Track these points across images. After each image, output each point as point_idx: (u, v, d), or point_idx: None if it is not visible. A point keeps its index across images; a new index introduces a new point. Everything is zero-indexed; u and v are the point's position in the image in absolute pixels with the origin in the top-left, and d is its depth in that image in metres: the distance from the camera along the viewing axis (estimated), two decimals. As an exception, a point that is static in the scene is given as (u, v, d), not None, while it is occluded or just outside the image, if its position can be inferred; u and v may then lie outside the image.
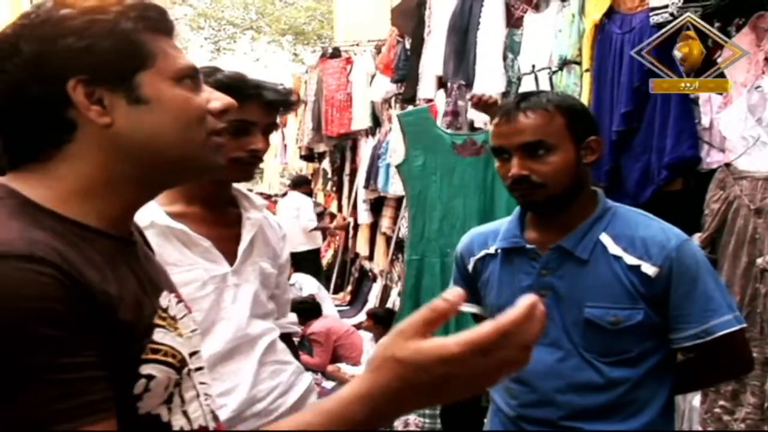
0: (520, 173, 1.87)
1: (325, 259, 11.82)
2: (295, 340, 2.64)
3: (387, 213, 8.34)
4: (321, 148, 11.45)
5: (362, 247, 9.93)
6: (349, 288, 10.59)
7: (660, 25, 3.25)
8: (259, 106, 2.05)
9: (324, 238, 11.24)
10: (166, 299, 1.14)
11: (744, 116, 2.92)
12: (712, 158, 3.17)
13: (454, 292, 0.92)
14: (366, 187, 8.91)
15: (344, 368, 6.51)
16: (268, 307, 2.14)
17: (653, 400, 1.91)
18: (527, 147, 1.87)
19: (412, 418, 4.96)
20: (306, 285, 8.13)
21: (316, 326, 6.89)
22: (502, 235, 2.05)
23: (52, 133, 1.04)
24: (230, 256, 2.03)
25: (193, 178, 1.30)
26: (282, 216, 9.39)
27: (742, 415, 2.91)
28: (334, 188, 11.54)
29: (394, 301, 8.12)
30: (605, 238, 1.90)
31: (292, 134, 13.22)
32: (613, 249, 1.88)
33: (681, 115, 3.23)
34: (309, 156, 12.57)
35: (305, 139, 11.38)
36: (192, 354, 1.16)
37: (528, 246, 1.97)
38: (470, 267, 2.13)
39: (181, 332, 1.14)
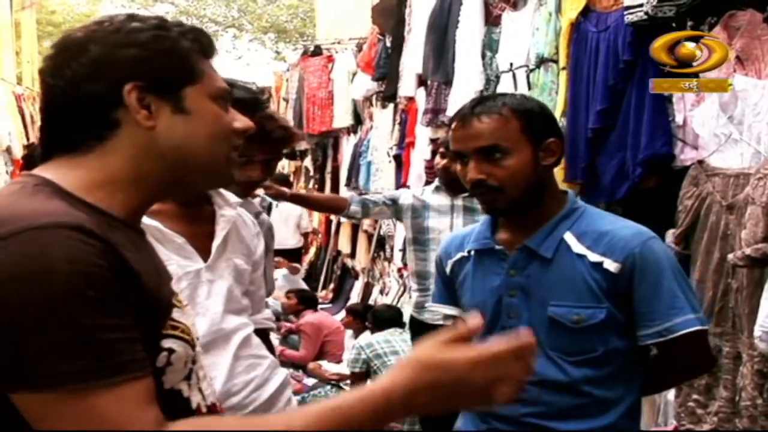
0: (476, 177, 1.91)
1: (308, 257, 11.83)
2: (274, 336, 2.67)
3: (368, 211, 8.33)
4: (303, 145, 11.44)
5: (344, 244, 9.95)
6: (332, 285, 10.61)
7: (635, 24, 3.28)
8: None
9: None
10: (175, 285, 1.31)
11: (716, 114, 2.95)
12: (685, 155, 3.20)
13: (474, 318, 1.12)
14: (348, 185, 8.93)
15: (325, 365, 6.50)
16: (242, 303, 2.15)
17: (619, 402, 1.92)
18: (482, 151, 1.89)
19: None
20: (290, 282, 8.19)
21: (309, 318, 6.92)
22: (473, 236, 2.08)
23: (98, 128, 1.16)
24: (204, 253, 2.05)
25: (209, 185, 1.44)
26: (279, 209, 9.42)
27: (715, 409, 2.94)
28: (316, 186, 11.55)
29: (375, 298, 8.15)
30: (569, 237, 1.91)
31: (274, 132, 13.18)
32: (577, 248, 1.90)
33: (655, 113, 3.26)
34: (291, 154, 12.56)
35: (287, 137, 11.36)
36: (197, 338, 1.29)
37: (497, 247, 2.00)
38: (448, 270, 2.16)
39: (189, 316, 1.29)
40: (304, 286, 8.86)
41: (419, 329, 4.11)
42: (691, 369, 2.16)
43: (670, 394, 3.29)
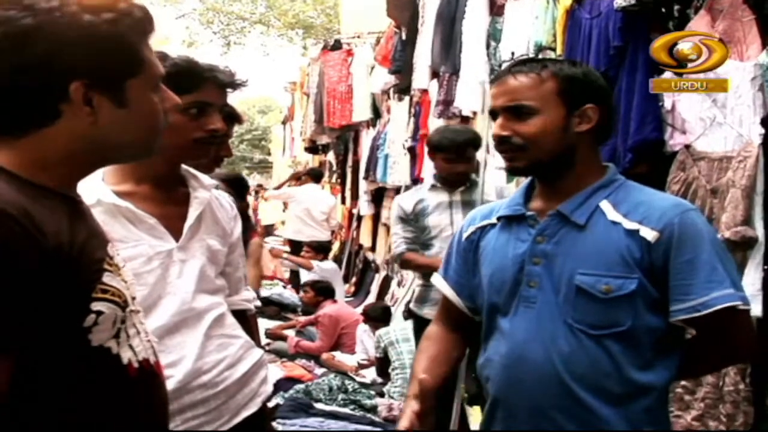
0: (500, 134, 1.89)
1: (332, 251, 11.89)
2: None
3: (387, 204, 8.39)
4: (323, 140, 11.52)
5: (365, 238, 10.00)
6: (354, 279, 10.66)
7: (624, 9, 3.27)
8: (214, 87, 2.12)
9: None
10: (112, 250, 1.36)
11: (701, 97, 2.94)
12: (675, 140, 3.17)
13: None
14: (366, 177, 8.98)
15: (339, 356, 6.56)
16: (216, 283, 2.19)
17: (647, 384, 1.81)
18: (510, 109, 1.87)
19: (396, 403, 5.01)
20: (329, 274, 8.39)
21: (327, 310, 7.04)
22: (505, 204, 2.03)
23: (39, 118, 1.21)
24: (177, 234, 2.09)
25: (136, 161, 1.56)
26: (311, 203, 9.52)
27: (702, 395, 2.93)
28: (339, 180, 11.62)
29: (392, 290, 8.19)
30: (605, 205, 1.86)
31: (298, 128, 13.30)
32: (612, 215, 1.84)
33: (645, 99, 3.22)
34: (313, 148, 12.65)
35: (308, 132, 11.46)
36: (132, 298, 1.37)
37: (528, 213, 1.95)
38: (465, 235, 2.10)
39: (125, 278, 1.35)
40: (337, 277, 8.99)
41: (419, 324, 4.13)
42: (731, 351, 1.94)
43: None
